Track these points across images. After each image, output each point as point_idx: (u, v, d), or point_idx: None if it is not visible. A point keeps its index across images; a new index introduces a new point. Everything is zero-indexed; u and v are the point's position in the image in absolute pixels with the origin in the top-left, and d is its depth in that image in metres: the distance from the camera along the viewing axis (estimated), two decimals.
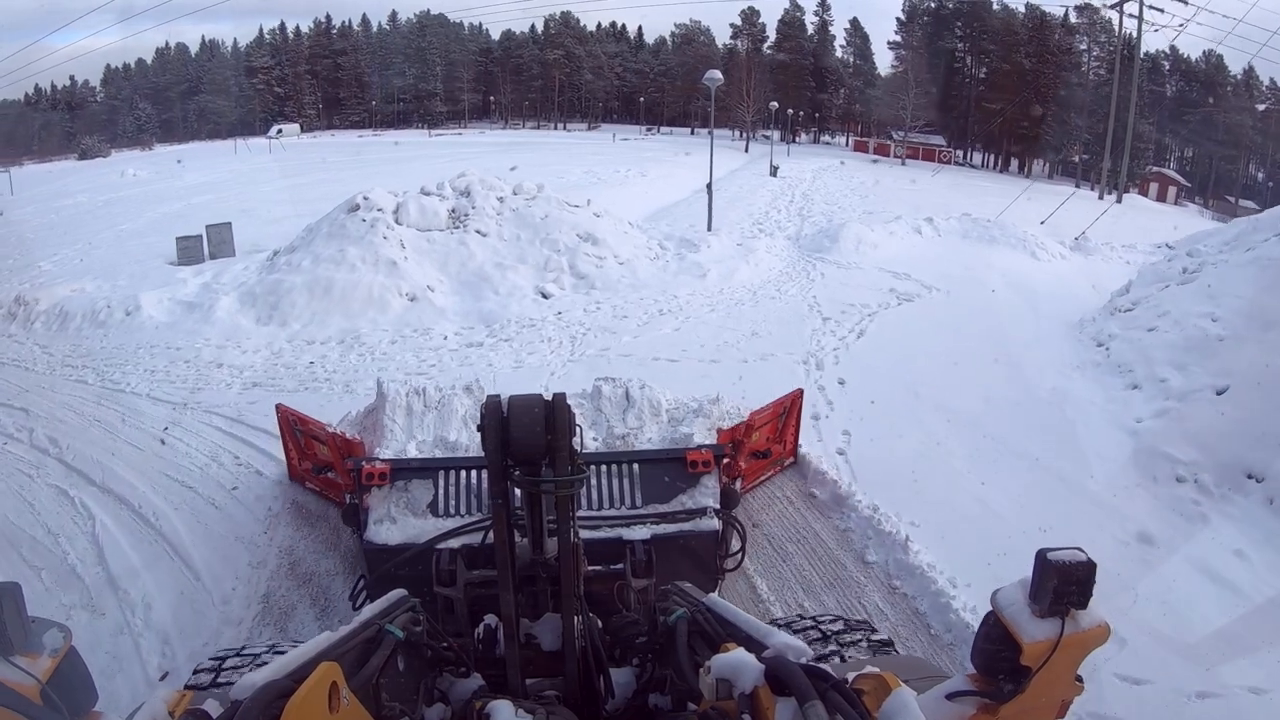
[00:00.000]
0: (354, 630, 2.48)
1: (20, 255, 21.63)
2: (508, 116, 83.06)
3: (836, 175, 45.01)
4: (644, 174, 36.49)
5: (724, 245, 18.41)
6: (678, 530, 5.34)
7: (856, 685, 1.82)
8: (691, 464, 5.61)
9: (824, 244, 19.28)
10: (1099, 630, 1.79)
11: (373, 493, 5.45)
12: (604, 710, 3.15)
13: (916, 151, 59.35)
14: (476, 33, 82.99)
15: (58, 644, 2.24)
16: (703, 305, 14.83)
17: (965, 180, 47.51)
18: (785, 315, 14.27)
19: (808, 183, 40.30)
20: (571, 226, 16.51)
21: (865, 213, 27.18)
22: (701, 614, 2.98)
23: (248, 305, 14.13)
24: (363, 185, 17.72)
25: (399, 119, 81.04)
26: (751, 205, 31.10)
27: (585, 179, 33.47)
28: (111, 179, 43.35)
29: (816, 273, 17.30)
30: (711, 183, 23.02)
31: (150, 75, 76.59)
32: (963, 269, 17.18)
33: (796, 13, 74.52)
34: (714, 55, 74.82)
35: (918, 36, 67.07)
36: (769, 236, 21.80)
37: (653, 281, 15.80)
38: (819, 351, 12.38)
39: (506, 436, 2.74)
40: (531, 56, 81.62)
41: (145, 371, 12.22)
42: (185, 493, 8.34)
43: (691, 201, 29.96)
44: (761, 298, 15.51)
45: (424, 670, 2.90)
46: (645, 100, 79.40)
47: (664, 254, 17.29)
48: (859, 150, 64.60)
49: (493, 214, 16.54)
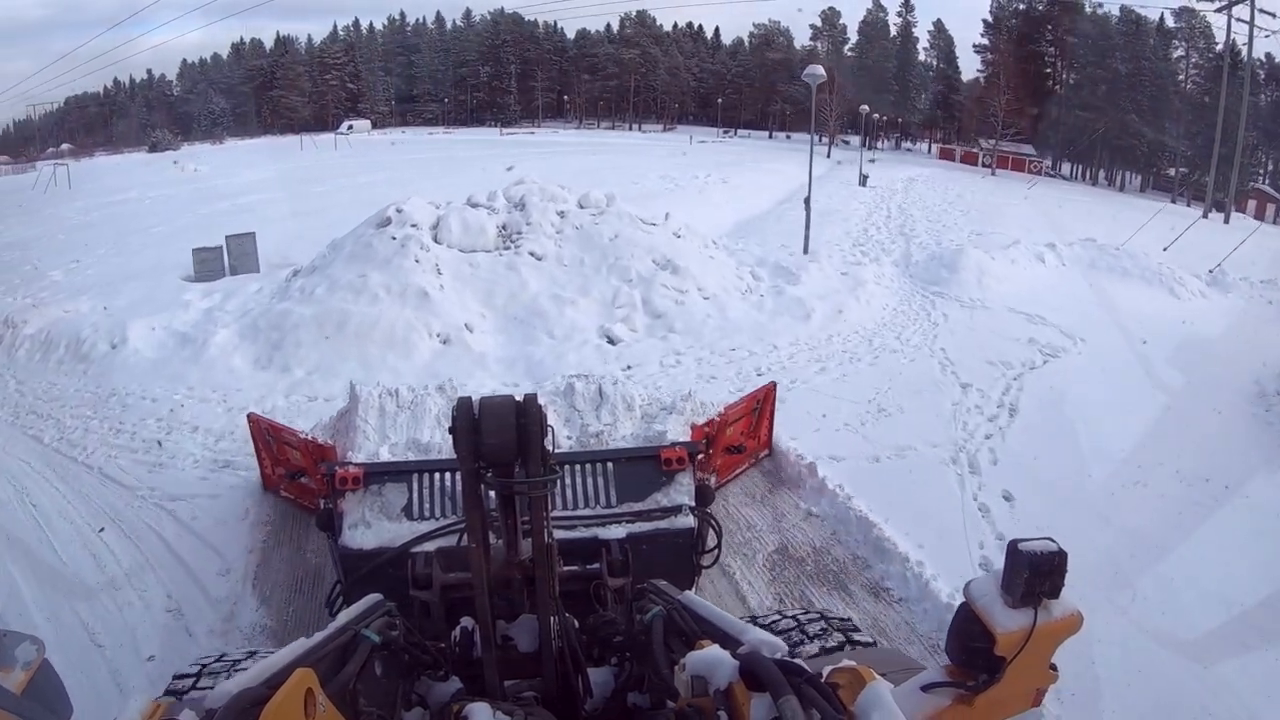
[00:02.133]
0: (329, 635, 2.48)
1: (40, 260, 20.33)
2: (582, 116, 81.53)
3: (929, 185, 41.14)
4: (725, 180, 33.25)
5: (826, 275, 15.21)
6: (653, 528, 5.27)
7: (831, 679, 1.87)
8: (666, 461, 5.52)
9: (940, 274, 16.30)
10: (1071, 619, 1.78)
11: (347, 497, 5.31)
12: (583, 710, 3.13)
13: (1005, 161, 55.54)
14: (551, 31, 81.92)
15: (30, 657, 2.19)
16: (809, 360, 11.71)
17: (1063, 194, 43.04)
18: (914, 378, 11.17)
19: (900, 194, 36.68)
20: (647, 250, 13.51)
21: (974, 234, 23.93)
22: (677, 612, 2.96)
23: (248, 341, 11.54)
24: (420, 187, 15.16)
25: (472, 117, 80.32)
26: (846, 221, 27.63)
27: (661, 185, 30.51)
28: (172, 174, 42.48)
29: (938, 313, 14.23)
30: (810, 198, 19.72)
31: (225, 70, 77.20)
32: (1101, 310, 14.40)
33: (880, 13, 71.19)
34: (793, 57, 71.92)
35: (1006, 40, 62.60)
36: (874, 262, 18.49)
37: (745, 324, 12.68)
38: (967, 440, 9.24)
39: (478, 438, 2.75)
40: (607, 56, 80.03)
41: (110, 430, 10.04)
42: (90, 655, 5.81)
43: (779, 215, 26.79)
44: (880, 349, 12.36)
45: (401, 674, 2.88)
46: (723, 102, 76.42)
47: (757, 286, 14.16)
48: (944, 158, 60.74)
49: (551, 232, 13.64)
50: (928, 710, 1.83)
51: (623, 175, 32.13)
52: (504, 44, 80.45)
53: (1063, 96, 59.87)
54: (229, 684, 1.76)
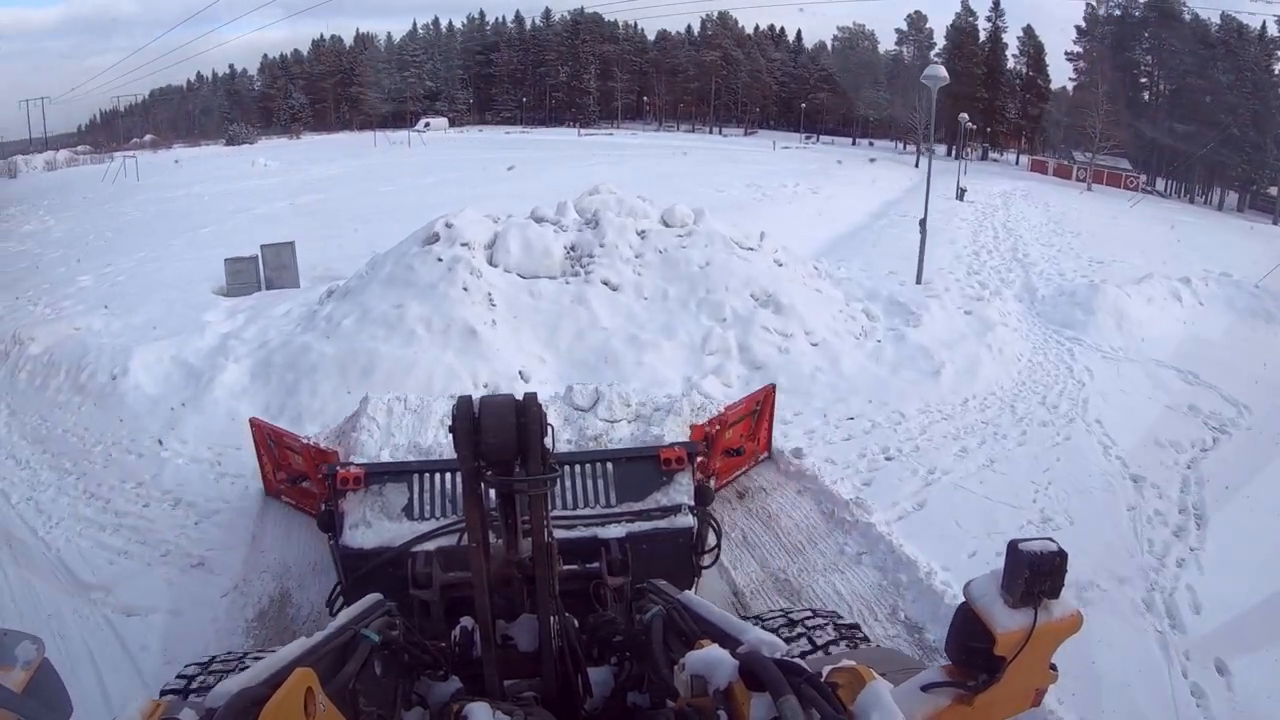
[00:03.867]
0: (329, 635, 2.46)
1: (78, 261, 19.29)
2: (661, 118, 79.59)
3: (1027, 201, 37.73)
4: (815, 190, 30.60)
5: (948, 314, 12.62)
6: (653, 528, 5.19)
7: (831, 678, 1.85)
8: (665, 462, 5.43)
9: (1073, 315, 13.84)
10: (1072, 619, 1.77)
11: (348, 497, 5.23)
12: (582, 709, 3.14)
13: (1100, 175, 51.34)
14: (631, 31, 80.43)
15: (30, 656, 2.20)
16: (945, 436, 9.22)
17: (1167, 214, 38.96)
18: (1075, 466, 8.71)
19: (1001, 210, 33.54)
20: (744, 281, 11.14)
21: (1093, 261, 21.36)
22: (677, 611, 2.93)
23: (258, 382, 9.58)
24: (490, 190, 13.19)
25: (550, 117, 79.32)
26: (953, 242, 24.69)
27: (748, 195, 28.01)
28: (242, 168, 42.00)
29: (1079, 366, 11.73)
30: (926, 219, 17.03)
31: (305, 66, 77.58)
32: (1258, 366, 12.06)
33: (969, 17, 66.87)
34: (877, 62, 69.96)
35: (1101, 48, 58.09)
36: (996, 296, 15.84)
37: (863, 381, 10.21)
38: (1158, 570, 6.87)
39: (478, 437, 2.74)
40: (687, 57, 78.03)
41: (84, 493, 8.36)
42: None
43: (878, 232, 24.22)
44: (1026, 419, 9.82)
45: (401, 674, 2.88)
46: (806, 107, 73.31)
47: (872, 329, 11.66)
48: (1036, 170, 56.41)
49: (629, 256, 11.39)
50: (927, 710, 1.81)
51: (705, 182, 29.84)
52: (583, 43, 79.21)
53: (1159, 108, 55.61)
54: (228, 683, 1.74)
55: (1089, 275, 18.49)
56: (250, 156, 48.21)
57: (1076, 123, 55.71)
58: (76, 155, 54.36)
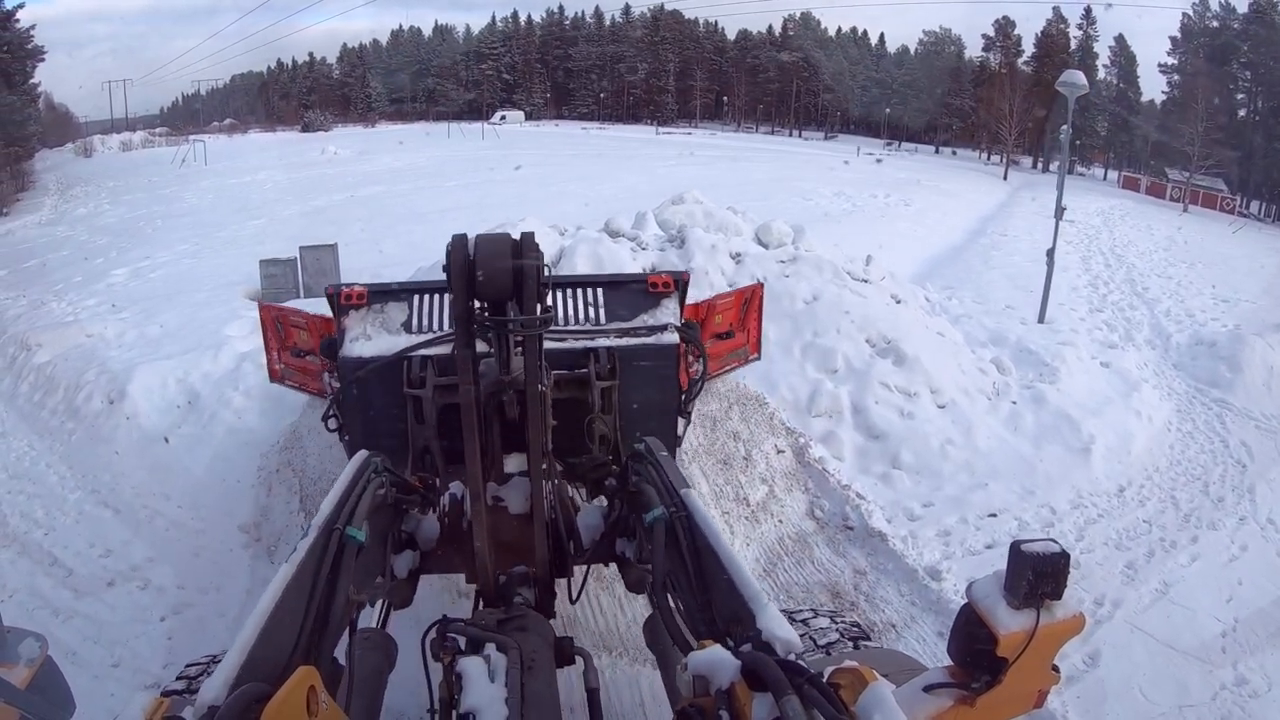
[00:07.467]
0: (318, 538, 2.51)
1: (118, 251, 18.30)
2: (740, 119, 77.93)
3: (1126, 222, 34.30)
4: (907, 203, 28.16)
5: (1085, 366, 10.44)
6: (640, 344, 5.16)
7: (833, 679, 1.84)
8: (652, 285, 5.41)
9: (1216, 370, 11.59)
10: (1074, 621, 1.75)
11: (350, 315, 5.12)
12: None
13: (1196, 196, 46.91)
14: (712, 30, 79.70)
15: (34, 653, 2.21)
16: (1107, 545, 7.21)
17: (1271, 241, 35.16)
18: (1259, 593, 6.75)
19: (1104, 232, 30.41)
20: (859, 323, 9.09)
21: (1218, 300, 18.64)
22: (681, 521, 2.82)
23: (269, 420, 7.94)
24: (563, 190, 11.73)
25: (628, 114, 78.89)
26: (1065, 268, 21.84)
27: (838, 206, 25.77)
28: (311, 155, 41.30)
29: (1234, 439, 9.60)
30: (1054, 248, 14.71)
31: (384, 56, 78.24)
32: None
33: (1060, 24, 63.10)
34: (963, 67, 67.48)
35: (1198, 61, 53.62)
36: (1129, 343, 13.53)
37: (1002, 458, 8.06)
38: None
39: (473, 274, 2.68)
40: (768, 58, 76.27)
41: (44, 562, 6.76)
42: None
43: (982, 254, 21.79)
44: (1194, 519, 7.78)
45: (389, 522, 3.03)
46: (890, 112, 70.35)
47: (1005, 385, 9.46)
48: (1129, 187, 51.93)
49: (722, 285, 9.45)
50: (929, 711, 1.80)
51: (791, 190, 27.76)
52: (663, 41, 78.56)
53: (1257, 126, 51.44)
54: (215, 679, 1.73)
55: (1219, 318, 16.23)
56: (322, 144, 47.72)
57: (1171, 139, 51.78)
58: (152, 136, 54.87)
